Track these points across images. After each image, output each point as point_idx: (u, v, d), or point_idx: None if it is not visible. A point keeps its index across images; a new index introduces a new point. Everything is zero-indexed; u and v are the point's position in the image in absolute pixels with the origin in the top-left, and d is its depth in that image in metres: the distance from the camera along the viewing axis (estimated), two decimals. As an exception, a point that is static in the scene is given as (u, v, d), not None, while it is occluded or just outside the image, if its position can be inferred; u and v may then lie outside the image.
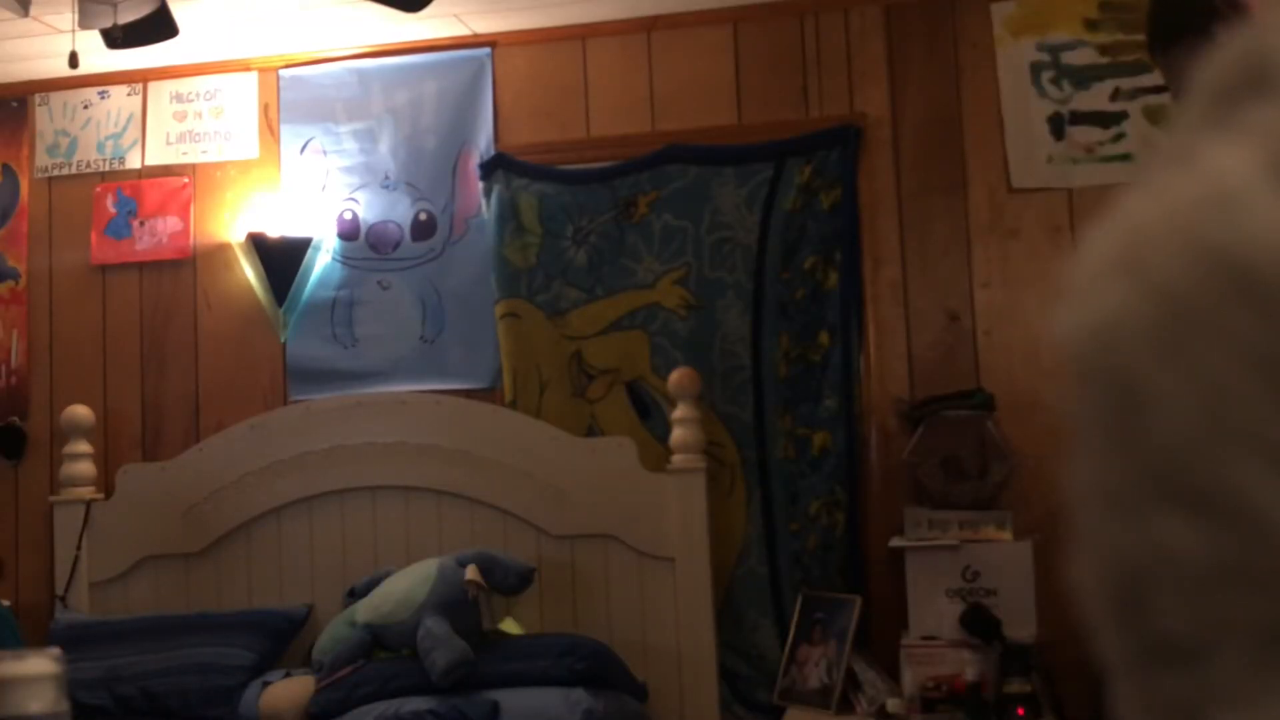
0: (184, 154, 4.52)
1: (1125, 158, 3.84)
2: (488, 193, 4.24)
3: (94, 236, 4.53)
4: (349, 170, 4.41)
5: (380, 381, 4.29)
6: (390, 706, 3.42)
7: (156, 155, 4.54)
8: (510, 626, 3.82)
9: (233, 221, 4.44)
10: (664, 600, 3.86)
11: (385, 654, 3.65)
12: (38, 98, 4.62)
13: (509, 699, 3.43)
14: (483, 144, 4.30)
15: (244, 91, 4.49)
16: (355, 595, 3.86)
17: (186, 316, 4.46)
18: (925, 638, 3.54)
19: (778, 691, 3.76)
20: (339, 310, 4.37)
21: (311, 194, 4.41)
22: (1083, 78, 3.91)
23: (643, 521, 3.87)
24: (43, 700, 0.89)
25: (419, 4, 3.40)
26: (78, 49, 3.40)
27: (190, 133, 4.52)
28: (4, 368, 4.55)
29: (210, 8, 3.98)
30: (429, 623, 3.55)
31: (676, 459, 3.88)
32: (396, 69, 4.38)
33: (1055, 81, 3.93)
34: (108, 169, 4.57)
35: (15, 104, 4.64)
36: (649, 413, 4.08)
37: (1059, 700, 3.41)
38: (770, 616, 3.94)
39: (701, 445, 3.88)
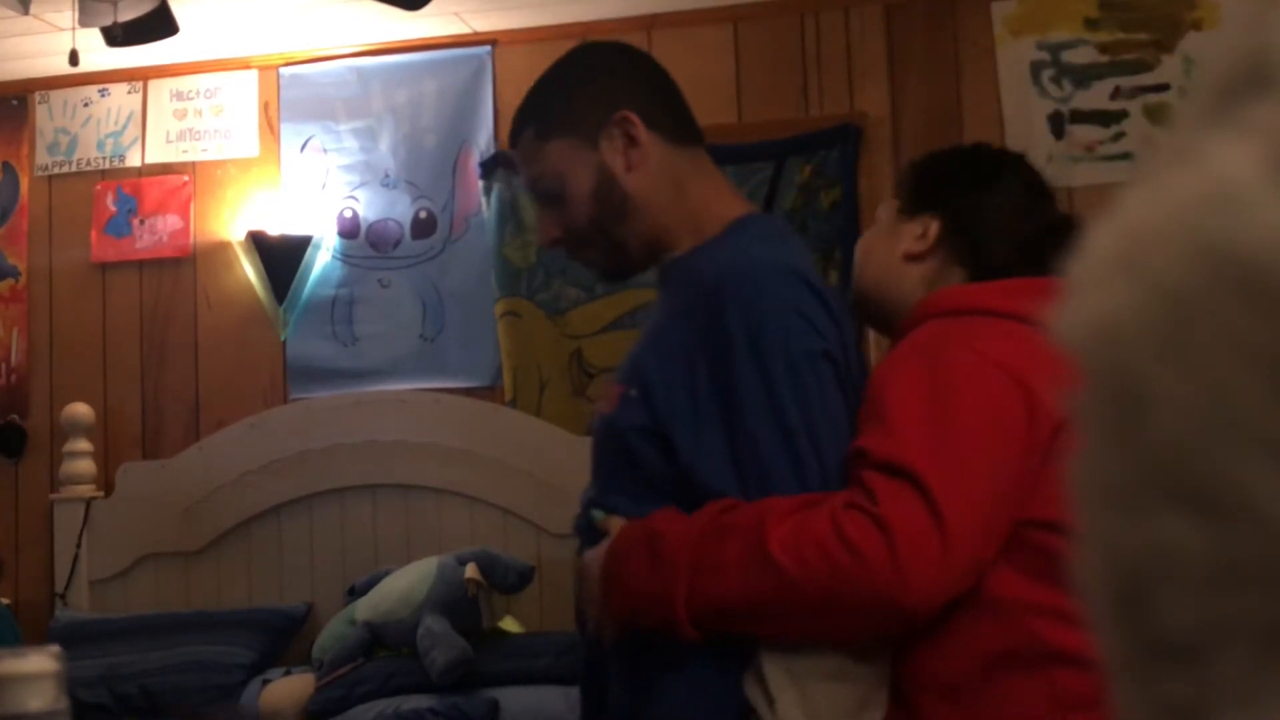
0: (184, 152, 4.52)
1: (1126, 157, 3.85)
2: (488, 191, 4.24)
3: (94, 234, 4.53)
4: (349, 168, 4.41)
5: (380, 380, 4.29)
6: (390, 705, 3.43)
7: (156, 153, 4.54)
8: (510, 625, 3.82)
9: (233, 220, 4.44)
10: (664, 599, 3.85)
11: (385, 652, 3.65)
12: (38, 95, 4.62)
13: (509, 697, 3.43)
14: (483, 142, 4.30)
15: (244, 90, 4.49)
16: (355, 593, 3.86)
17: (186, 315, 4.46)
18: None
19: (777, 690, 3.75)
20: (339, 308, 4.37)
21: (311, 192, 4.41)
22: (1083, 77, 3.91)
23: (642, 520, 3.87)
24: (42, 698, 0.89)
25: (419, 2, 3.40)
26: (78, 47, 3.40)
27: (190, 131, 4.52)
28: (4, 366, 4.55)
29: (210, 6, 3.98)
30: (429, 621, 3.55)
31: (676, 458, 3.87)
32: (396, 67, 4.38)
33: (1055, 80, 3.93)
34: (108, 167, 4.57)
35: (15, 102, 4.64)
36: (649, 411, 4.08)
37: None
38: (770, 615, 3.94)
39: (701, 444, 3.88)
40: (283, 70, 4.46)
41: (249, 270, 4.39)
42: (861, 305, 1.65)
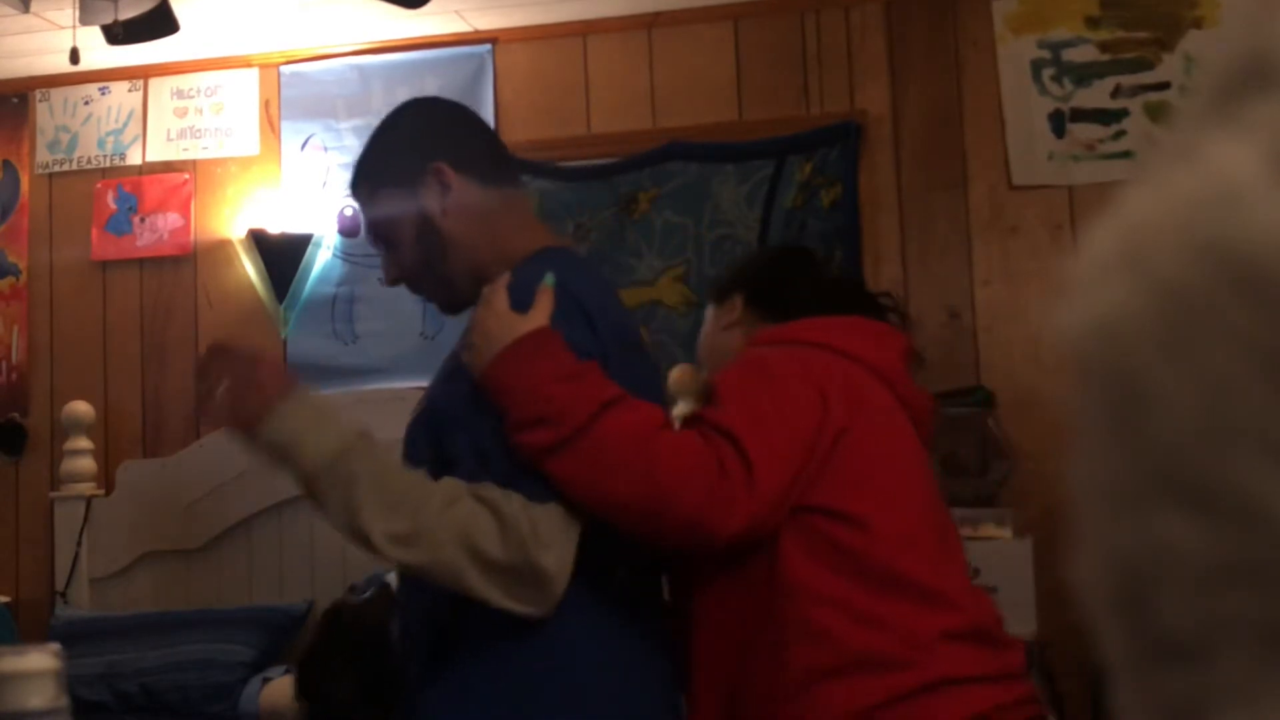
0: (185, 150, 4.52)
1: (1126, 155, 3.84)
2: (488, 189, 4.23)
3: (95, 232, 4.53)
4: (350, 167, 4.40)
5: (380, 378, 4.29)
6: (390, 703, 3.43)
7: (157, 151, 4.54)
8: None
9: (233, 218, 4.44)
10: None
11: (385, 650, 3.65)
12: (39, 94, 4.62)
13: (509, 696, 3.43)
14: (483, 140, 4.30)
15: (245, 88, 4.49)
16: (356, 592, 3.86)
17: (187, 313, 4.46)
18: (925, 635, 3.55)
19: (778, 688, 3.76)
20: (339, 306, 4.37)
21: (312, 190, 4.41)
22: (1083, 75, 3.91)
23: (643, 518, 3.87)
24: (42, 695, 0.89)
25: (419, 0, 3.40)
26: (79, 45, 3.40)
27: (191, 129, 4.52)
28: (4, 364, 4.55)
29: (211, 4, 3.98)
30: (429, 619, 3.54)
31: (677, 456, 3.87)
32: (397, 65, 4.38)
33: (1056, 79, 3.93)
34: (108, 165, 4.57)
35: (16, 100, 4.64)
36: (649, 410, 4.08)
37: (1059, 700, 3.41)
38: (770, 613, 3.94)
39: (702, 442, 3.88)
40: (283, 68, 4.46)
41: (249, 268, 4.39)
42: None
